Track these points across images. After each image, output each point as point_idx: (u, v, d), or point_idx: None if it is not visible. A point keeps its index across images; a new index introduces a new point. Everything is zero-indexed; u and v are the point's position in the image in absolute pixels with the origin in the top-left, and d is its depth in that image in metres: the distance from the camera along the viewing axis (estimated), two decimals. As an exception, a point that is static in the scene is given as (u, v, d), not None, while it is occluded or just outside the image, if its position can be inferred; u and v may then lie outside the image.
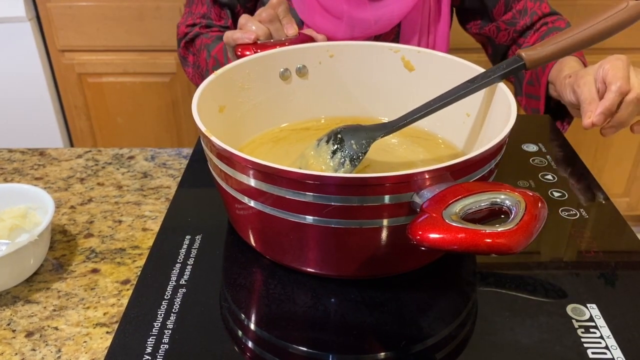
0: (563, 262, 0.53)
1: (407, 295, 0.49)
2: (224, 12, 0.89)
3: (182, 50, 0.91)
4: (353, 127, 0.56)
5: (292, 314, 0.47)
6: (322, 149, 0.55)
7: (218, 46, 0.83)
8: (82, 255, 0.59)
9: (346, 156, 0.54)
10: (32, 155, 0.77)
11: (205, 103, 0.54)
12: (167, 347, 0.44)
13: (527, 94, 0.79)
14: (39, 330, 0.50)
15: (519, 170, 0.66)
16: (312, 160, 0.55)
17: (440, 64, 0.62)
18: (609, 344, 0.44)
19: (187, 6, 0.92)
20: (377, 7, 0.83)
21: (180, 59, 0.93)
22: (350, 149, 0.54)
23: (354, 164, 0.54)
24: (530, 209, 0.39)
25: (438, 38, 0.88)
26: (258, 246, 0.52)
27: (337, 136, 0.55)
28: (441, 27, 0.87)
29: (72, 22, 1.41)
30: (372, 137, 0.55)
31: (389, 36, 0.87)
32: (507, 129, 0.46)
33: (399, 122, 0.55)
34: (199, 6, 0.89)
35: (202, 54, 0.85)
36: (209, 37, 0.85)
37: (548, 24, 0.87)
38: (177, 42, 0.93)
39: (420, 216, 0.39)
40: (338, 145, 0.55)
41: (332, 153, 0.55)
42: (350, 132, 0.55)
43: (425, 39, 0.87)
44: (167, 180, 0.72)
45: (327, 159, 0.55)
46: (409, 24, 0.86)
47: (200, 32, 0.88)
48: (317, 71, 0.66)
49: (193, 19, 0.90)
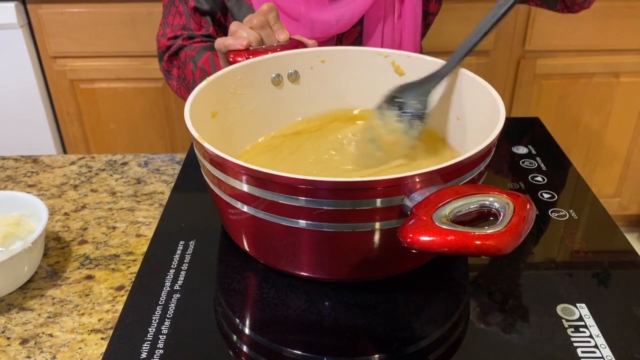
0: (553, 262, 0.54)
1: (400, 298, 0.49)
2: (204, 20, 0.87)
3: (165, 64, 0.90)
4: (405, 86, 0.58)
5: (285, 317, 0.48)
6: (387, 116, 0.57)
7: (204, 57, 0.82)
8: (76, 261, 0.59)
9: (413, 116, 0.56)
10: (25, 163, 0.77)
11: (197, 109, 0.55)
12: (161, 352, 0.44)
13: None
14: (33, 337, 0.50)
15: (509, 172, 0.67)
16: (382, 130, 0.57)
17: (430, 68, 0.62)
18: (598, 343, 0.45)
19: (163, 17, 0.90)
20: (337, 6, 0.83)
21: (164, 72, 0.91)
22: (414, 107, 0.56)
23: (424, 121, 0.56)
24: (519, 210, 0.39)
25: (405, 30, 0.87)
26: (251, 251, 0.53)
27: (394, 100, 0.57)
28: (407, 19, 0.87)
29: (63, 29, 1.40)
30: (427, 91, 0.57)
31: (352, 34, 0.87)
32: (495, 132, 0.47)
33: (446, 69, 0.57)
34: (177, 17, 0.88)
35: (187, 66, 0.84)
36: (193, 49, 0.85)
37: None
38: (159, 56, 0.91)
39: (411, 219, 0.40)
40: (400, 107, 0.56)
41: (398, 117, 0.56)
42: (405, 91, 0.57)
43: (390, 32, 0.87)
44: (161, 186, 0.72)
45: (394, 123, 0.57)
46: (371, 19, 0.85)
47: (184, 44, 0.87)
48: (308, 76, 0.66)
49: (173, 31, 0.88)
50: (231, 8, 0.87)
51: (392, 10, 0.86)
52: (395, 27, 0.87)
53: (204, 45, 0.86)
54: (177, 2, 0.88)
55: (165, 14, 0.90)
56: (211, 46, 0.85)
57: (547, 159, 0.69)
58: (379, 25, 0.86)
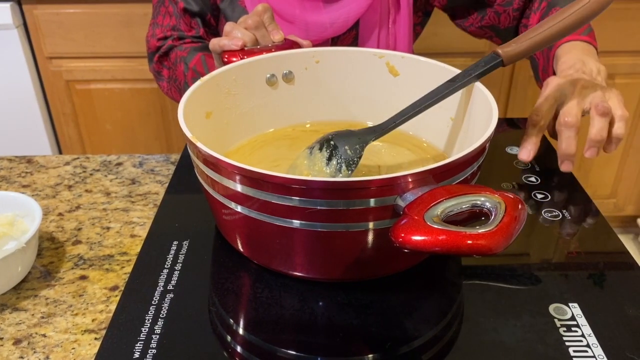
0: (546, 262, 0.54)
1: (393, 297, 0.50)
2: (194, 21, 0.87)
3: (155, 65, 0.89)
4: (343, 132, 0.56)
5: (279, 317, 0.48)
6: (316, 157, 0.56)
7: (195, 58, 0.82)
8: (70, 262, 0.59)
9: (342, 162, 0.54)
10: (19, 163, 0.77)
11: (191, 109, 0.55)
12: (155, 352, 0.44)
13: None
14: (26, 337, 0.50)
15: (502, 172, 0.67)
16: (306, 171, 0.56)
17: (424, 69, 0.63)
18: (590, 342, 0.45)
19: (153, 17, 0.90)
20: (332, 9, 0.83)
21: (154, 73, 0.91)
22: (345, 154, 0.55)
23: (351, 168, 0.55)
24: (510, 210, 0.39)
25: (399, 35, 0.87)
26: (245, 251, 0.53)
27: (329, 143, 0.55)
28: (401, 25, 0.87)
29: (59, 29, 1.40)
30: (364, 141, 0.55)
31: (347, 38, 0.87)
32: (488, 133, 0.47)
33: (388, 124, 0.56)
34: (167, 18, 0.88)
35: (178, 67, 0.84)
36: (184, 50, 0.84)
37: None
38: (149, 57, 0.91)
39: (403, 219, 0.40)
40: (332, 152, 0.55)
41: (327, 160, 0.55)
42: (342, 137, 0.55)
43: (385, 37, 0.87)
44: (155, 186, 0.72)
45: (323, 166, 0.55)
46: (366, 24, 0.86)
47: (174, 44, 0.86)
48: (303, 77, 0.66)
49: (163, 31, 0.88)
50: (224, 10, 0.87)
51: (387, 16, 0.86)
52: (390, 32, 0.87)
53: (195, 46, 0.85)
54: (167, 3, 0.88)
55: (155, 14, 0.90)
56: (202, 47, 0.85)
57: (540, 159, 0.69)
58: (375, 30, 0.86)
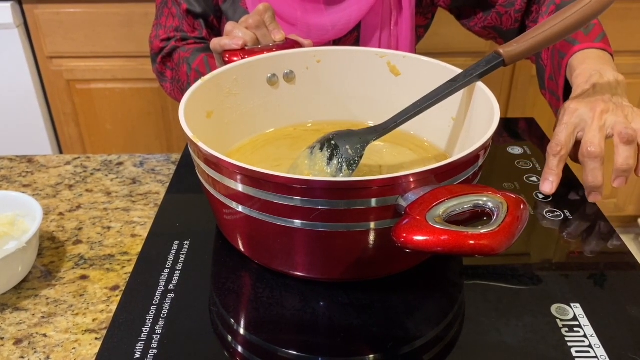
0: (548, 262, 0.54)
1: (395, 297, 0.49)
2: (197, 23, 0.87)
3: (159, 66, 0.89)
4: (344, 132, 0.56)
5: (280, 317, 0.48)
6: (316, 157, 0.55)
7: (198, 58, 0.82)
8: (70, 262, 0.59)
9: (343, 162, 0.54)
10: (20, 163, 0.77)
11: (192, 109, 0.55)
12: (155, 352, 0.44)
13: (550, 90, 0.78)
14: (27, 337, 0.50)
15: (504, 172, 0.67)
16: (307, 171, 0.55)
17: (425, 68, 0.63)
18: (592, 342, 0.45)
19: (156, 19, 0.90)
20: (334, 12, 0.83)
21: (157, 74, 0.91)
22: (346, 154, 0.54)
23: (352, 168, 0.54)
24: (512, 210, 0.39)
25: (401, 37, 0.87)
26: (246, 251, 0.53)
27: (330, 142, 0.55)
28: (403, 27, 0.87)
29: (60, 29, 1.40)
30: (365, 140, 0.55)
31: (349, 40, 0.87)
32: (489, 132, 0.47)
33: (389, 124, 0.56)
34: (170, 19, 0.88)
35: (181, 67, 0.84)
36: (187, 50, 0.84)
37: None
38: (152, 58, 0.91)
39: (405, 219, 0.40)
40: (333, 152, 0.55)
41: (328, 160, 0.55)
42: (343, 137, 0.55)
43: (387, 39, 0.87)
44: (156, 186, 0.72)
45: (324, 166, 0.55)
46: (368, 26, 0.85)
47: (177, 45, 0.86)
48: (304, 76, 0.66)
49: (166, 32, 0.88)
50: (226, 11, 0.87)
51: (389, 18, 0.86)
52: (392, 34, 0.87)
53: (198, 46, 0.85)
54: (170, 4, 0.88)
55: (158, 15, 0.90)
56: (205, 47, 0.85)
57: (542, 159, 0.69)
58: (376, 32, 0.86)
